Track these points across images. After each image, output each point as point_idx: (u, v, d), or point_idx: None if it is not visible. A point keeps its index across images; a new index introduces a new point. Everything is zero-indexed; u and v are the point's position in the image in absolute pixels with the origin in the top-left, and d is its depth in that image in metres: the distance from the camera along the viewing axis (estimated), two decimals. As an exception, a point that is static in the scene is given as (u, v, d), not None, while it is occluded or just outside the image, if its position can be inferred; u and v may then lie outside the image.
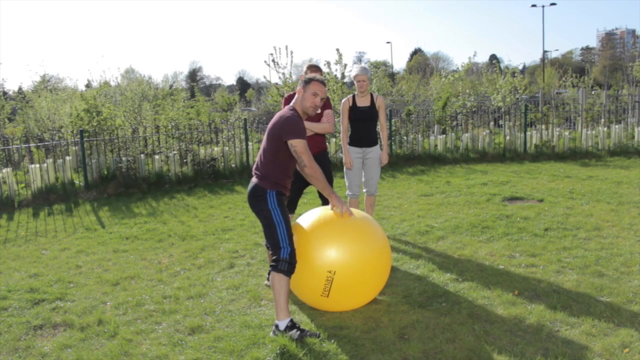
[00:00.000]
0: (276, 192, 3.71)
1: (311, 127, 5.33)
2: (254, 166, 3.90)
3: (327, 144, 5.58)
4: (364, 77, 5.52)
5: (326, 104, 5.49)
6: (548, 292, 4.07)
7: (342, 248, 3.71)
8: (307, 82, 3.87)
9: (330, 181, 5.64)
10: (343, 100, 5.71)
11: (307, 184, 5.58)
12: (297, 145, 3.66)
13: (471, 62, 16.27)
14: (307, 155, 3.68)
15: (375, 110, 5.58)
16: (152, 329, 3.80)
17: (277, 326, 3.57)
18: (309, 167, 3.68)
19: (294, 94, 5.42)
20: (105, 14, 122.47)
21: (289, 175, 3.85)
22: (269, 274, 4.64)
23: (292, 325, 3.55)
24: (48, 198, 8.87)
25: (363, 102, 5.59)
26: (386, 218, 6.67)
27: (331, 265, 3.65)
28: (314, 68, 5.30)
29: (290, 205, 5.57)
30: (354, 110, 5.62)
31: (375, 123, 5.69)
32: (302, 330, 3.55)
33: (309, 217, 3.95)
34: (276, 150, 3.73)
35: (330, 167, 5.66)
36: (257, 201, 3.73)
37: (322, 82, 3.91)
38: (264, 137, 3.87)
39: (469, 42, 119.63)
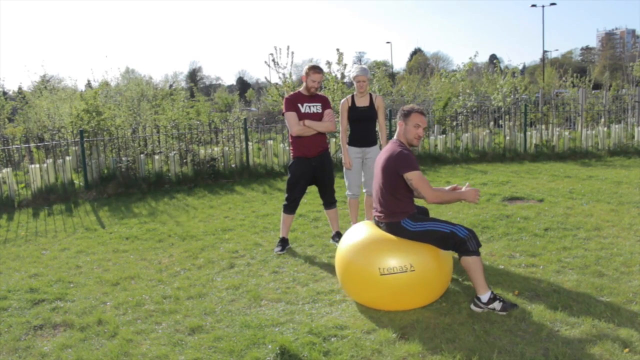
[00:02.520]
0: (407, 217, 3.88)
1: (314, 126, 5.33)
2: (374, 210, 4.08)
3: (327, 143, 5.60)
4: (364, 78, 5.53)
5: (326, 104, 5.50)
6: (548, 292, 4.07)
7: (425, 253, 3.83)
8: (407, 114, 3.99)
9: (331, 181, 5.66)
10: (342, 101, 5.72)
11: (310, 183, 5.59)
12: (413, 178, 3.82)
13: (472, 62, 16.26)
14: (424, 184, 3.83)
15: (374, 110, 5.59)
16: (152, 329, 3.79)
17: (479, 299, 3.73)
18: (429, 197, 3.83)
19: (297, 93, 5.42)
20: (105, 14, 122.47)
21: (412, 204, 4.01)
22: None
23: (494, 298, 3.70)
24: (48, 198, 8.87)
25: (362, 102, 5.60)
26: (386, 218, 6.67)
27: (414, 262, 3.73)
28: (316, 69, 5.30)
29: (293, 205, 5.58)
30: (353, 110, 5.62)
31: (375, 123, 5.69)
32: (504, 302, 3.71)
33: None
34: (394, 185, 3.90)
35: (332, 167, 5.66)
36: (402, 235, 3.88)
37: (422, 113, 4.05)
38: (378, 176, 4.03)
39: (469, 42, 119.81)
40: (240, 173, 10.39)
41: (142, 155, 9.96)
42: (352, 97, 5.65)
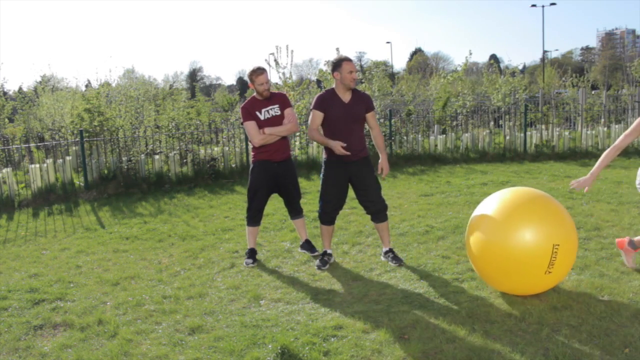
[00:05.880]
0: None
1: (276, 132, 4.99)
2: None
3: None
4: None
5: (285, 103, 5.13)
6: (548, 292, 4.07)
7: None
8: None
9: (296, 189, 5.30)
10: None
11: (273, 191, 5.26)
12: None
13: (468, 62, 16.23)
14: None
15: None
16: (152, 329, 3.80)
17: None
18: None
19: (252, 100, 5.09)
20: (105, 14, 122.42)
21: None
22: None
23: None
24: (48, 198, 8.87)
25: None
26: (386, 218, 6.66)
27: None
28: (257, 71, 4.97)
29: (257, 216, 5.25)
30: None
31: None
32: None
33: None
34: None
35: (296, 173, 5.33)
36: None
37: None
38: None
39: (469, 42, 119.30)
40: (240, 173, 10.39)
41: (142, 155, 9.96)
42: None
